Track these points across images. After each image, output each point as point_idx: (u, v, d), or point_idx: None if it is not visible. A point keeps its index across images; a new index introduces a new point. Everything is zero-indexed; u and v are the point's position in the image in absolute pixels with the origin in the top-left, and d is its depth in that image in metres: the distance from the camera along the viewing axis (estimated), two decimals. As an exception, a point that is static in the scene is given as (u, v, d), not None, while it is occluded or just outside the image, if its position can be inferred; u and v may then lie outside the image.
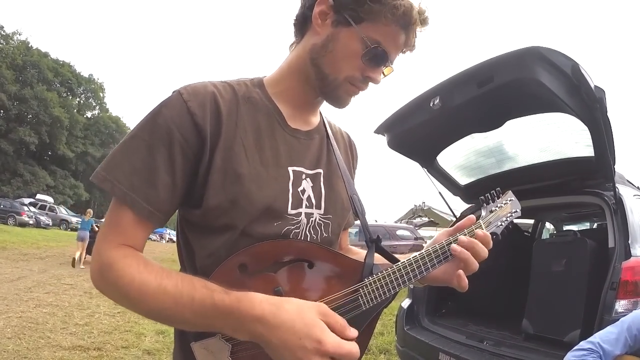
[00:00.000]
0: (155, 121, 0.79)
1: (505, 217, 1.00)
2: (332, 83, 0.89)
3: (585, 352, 1.91)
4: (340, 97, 0.92)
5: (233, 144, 0.83)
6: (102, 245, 0.78)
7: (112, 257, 0.76)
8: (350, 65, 0.87)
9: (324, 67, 0.88)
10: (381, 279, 0.84)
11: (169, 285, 0.73)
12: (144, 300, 0.74)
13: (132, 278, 0.74)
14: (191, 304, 0.72)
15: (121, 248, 0.77)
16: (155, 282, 0.74)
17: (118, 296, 0.77)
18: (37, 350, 4.03)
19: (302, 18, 0.92)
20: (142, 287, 0.73)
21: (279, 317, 0.70)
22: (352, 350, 0.71)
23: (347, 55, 0.87)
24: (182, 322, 0.76)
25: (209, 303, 0.71)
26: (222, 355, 0.78)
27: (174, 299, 0.72)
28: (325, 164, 0.97)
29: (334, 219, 0.95)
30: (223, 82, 0.90)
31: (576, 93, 2.28)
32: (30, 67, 45.96)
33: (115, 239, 0.78)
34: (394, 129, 3.21)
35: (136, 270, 0.75)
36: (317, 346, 0.68)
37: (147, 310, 0.76)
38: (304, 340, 0.68)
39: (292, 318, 0.70)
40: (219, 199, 0.81)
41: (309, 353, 0.68)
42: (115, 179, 0.77)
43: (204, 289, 0.73)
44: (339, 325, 0.72)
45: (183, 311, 0.72)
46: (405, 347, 3.55)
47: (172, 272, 0.77)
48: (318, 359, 0.68)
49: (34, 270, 9.16)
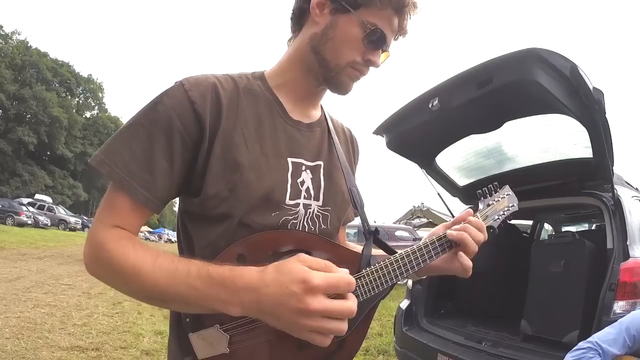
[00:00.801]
0: (156, 109, 0.80)
1: (502, 211, 1.01)
2: (335, 69, 0.91)
3: (584, 351, 1.91)
4: (343, 83, 0.94)
5: (233, 133, 0.84)
6: (96, 226, 0.78)
7: (106, 237, 0.76)
8: (351, 50, 0.90)
9: (326, 54, 0.90)
10: (379, 270, 0.84)
11: (165, 262, 0.74)
12: (138, 278, 0.73)
13: (127, 256, 0.74)
14: (186, 276, 0.72)
15: (115, 230, 0.78)
16: (150, 260, 0.74)
17: (111, 275, 0.77)
18: (35, 350, 4.01)
19: (299, 11, 0.95)
20: (137, 264, 0.73)
21: (264, 278, 0.69)
22: (343, 277, 0.69)
23: (348, 41, 0.89)
24: (174, 299, 0.74)
25: (204, 274, 0.71)
26: (220, 345, 0.77)
27: (169, 273, 0.72)
28: (325, 156, 0.98)
29: (332, 211, 0.96)
30: (224, 74, 0.91)
31: (575, 94, 2.28)
32: (29, 66, 46.01)
33: (109, 221, 0.78)
34: (392, 130, 3.21)
35: (131, 249, 0.75)
36: (304, 286, 0.66)
37: (140, 289, 0.75)
38: (290, 286, 0.66)
39: (274, 273, 0.69)
40: (217, 188, 0.81)
41: (299, 296, 0.66)
42: (113, 163, 0.77)
43: (200, 263, 0.73)
44: (322, 265, 0.71)
45: (177, 285, 0.72)
46: (403, 348, 3.54)
47: (167, 253, 0.77)
48: (311, 297, 0.66)
49: (33, 271, 9.13)
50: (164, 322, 5.45)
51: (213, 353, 0.78)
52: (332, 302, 0.67)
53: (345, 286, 0.69)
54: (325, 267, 0.70)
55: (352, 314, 0.69)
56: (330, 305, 0.67)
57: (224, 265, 0.72)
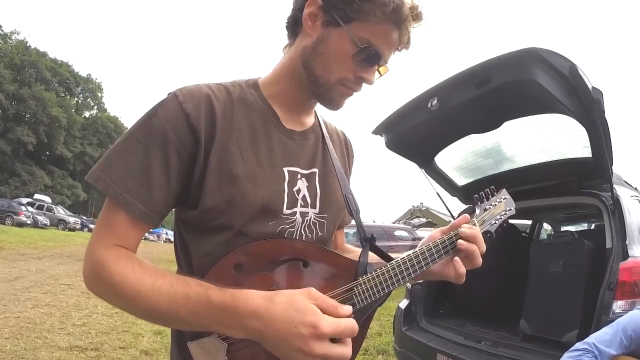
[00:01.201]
0: (151, 122, 0.80)
1: (500, 215, 1.01)
2: (324, 85, 0.88)
3: (580, 352, 1.91)
4: (333, 99, 0.91)
5: (228, 144, 0.83)
6: (95, 245, 0.78)
7: (105, 256, 0.76)
8: (341, 67, 0.86)
9: (315, 69, 0.87)
10: (375, 278, 0.84)
11: (164, 285, 0.73)
12: (138, 300, 0.74)
13: (126, 277, 0.74)
14: (186, 301, 0.72)
15: (114, 248, 0.77)
16: (149, 282, 0.74)
17: (111, 296, 0.77)
18: (34, 350, 4.01)
19: (293, 20, 0.92)
20: (136, 286, 0.73)
21: (271, 310, 0.70)
22: (349, 325, 0.72)
23: (338, 57, 0.85)
24: (177, 321, 0.76)
25: (204, 300, 0.71)
26: (219, 354, 0.77)
27: (169, 298, 0.72)
28: (320, 163, 0.97)
29: (329, 217, 0.96)
30: (218, 84, 0.90)
31: (574, 94, 2.28)
32: (28, 66, 45.93)
33: (108, 239, 0.78)
34: (392, 130, 3.22)
35: (130, 270, 0.75)
36: (313, 330, 0.68)
37: (142, 310, 0.76)
38: (299, 327, 0.68)
39: (284, 308, 0.70)
40: (215, 200, 0.81)
41: (306, 339, 0.68)
42: (110, 179, 0.77)
43: (199, 287, 0.73)
44: (330, 306, 0.72)
45: (178, 309, 0.72)
46: (403, 347, 3.55)
47: (166, 273, 0.77)
48: (317, 342, 0.68)
49: (32, 271, 9.11)
50: (163, 322, 5.42)
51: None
52: (334, 348, 0.70)
53: (351, 334, 0.72)
54: (333, 309, 0.73)
55: (348, 359, 0.73)
56: (331, 351, 0.69)
57: (224, 290, 0.72)
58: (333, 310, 0.72)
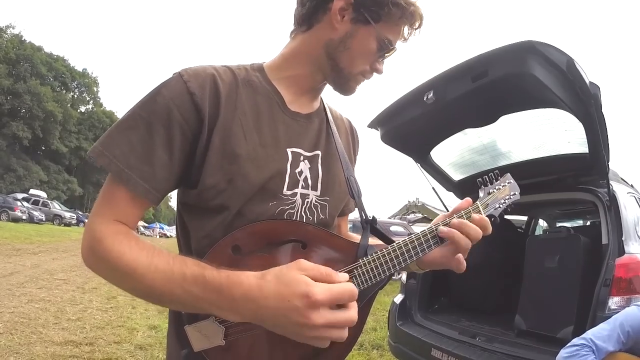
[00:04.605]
0: (155, 100, 0.80)
1: (504, 200, 1.00)
2: (347, 76, 0.94)
3: (577, 348, 1.91)
4: (350, 88, 0.97)
5: (232, 124, 0.84)
6: (94, 219, 0.78)
7: (103, 231, 0.76)
8: (365, 61, 0.93)
9: (340, 62, 0.92)
10: (376, 260, 0.84)
11: (161, 263, 0.73)
12: (134, 277, 0.73)
13: (123, 254, 0.73)
14: (182, 280, 0.71)
15: (113, 224, 0.77)
16: (146, 259, 0.73)
17: (107, 272, 0.77)
18: (29, 345, 3.99)
19: (314, 9, 0.92)
20: (133, 263, 0.73)
21: (264, 288, 0.69)
22: (345, 289, 0.70)
23: (364, 53, 0.92)
24: (172, 300, 0.75)
25: (200, 280, 0.71)
26: (216, 337, 0.77)
27: (165, 276, 0.72)
28: (323, 146, 0.98)
29: (330, 200, 0.96)
30: (223, 65, 0.91)
31: (571, 89, 2.27)
32: (23, 61, 45.69)
33: (107, 214, 0.78)
34: (387, 124, 3.19)
35: (127, 247, 0.74)
36: (306, 301, 0.66)
37: (137, 288, 0.75)
38: (292, 300, 0.67)
39: (274, 285, 0.69)
40: (215, 179, 0.81)
41: (303, 311, 0.66)
42: (112, 155, 0.77)
43: (196, 267, 0.73)
44: (324, 274, 0.71)
45: (174, 288, 0.72)
46: (397, 342, 3.55)
47: (163, 251, 0.76)
48: (314, 312, 0.67)
49: (27, 266, 9.07)
50: (158, 316, 5.46)
51: (209, 345, 0.77)
52: (335, 314, 0.69)
53: (349, 297, 0.70)
54: (326, 276, 0.71)
55: (354, 323, 0.71)
56: (332, 317, 0.68)
57: (220, 271, 0.72)
58: (327, 277, 0.71)
